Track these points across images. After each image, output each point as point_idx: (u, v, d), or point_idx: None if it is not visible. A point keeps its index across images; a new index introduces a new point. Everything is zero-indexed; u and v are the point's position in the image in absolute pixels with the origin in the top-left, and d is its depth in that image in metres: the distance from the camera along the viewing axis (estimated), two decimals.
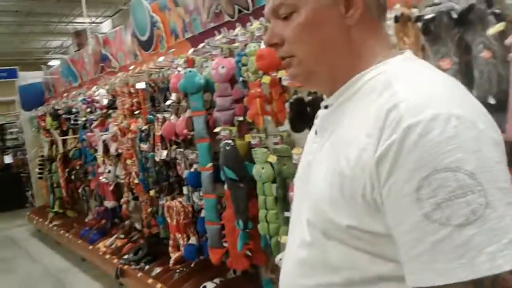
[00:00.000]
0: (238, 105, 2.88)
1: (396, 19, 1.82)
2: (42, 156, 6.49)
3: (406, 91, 0.71)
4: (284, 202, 2.54)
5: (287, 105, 2.46)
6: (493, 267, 0.61)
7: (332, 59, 0.82)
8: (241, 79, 2.75)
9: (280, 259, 2.55)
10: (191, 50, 3.28)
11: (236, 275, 3.29)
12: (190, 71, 3.10)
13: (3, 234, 7.24)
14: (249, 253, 2.95)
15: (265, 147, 2.71)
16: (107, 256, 4.24)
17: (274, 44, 0.84)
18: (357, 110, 0.78)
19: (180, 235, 3.52)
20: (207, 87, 3.09)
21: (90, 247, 4.64)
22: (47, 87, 6.88)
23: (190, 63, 3.24)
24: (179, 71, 3.26)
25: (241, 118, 2.89)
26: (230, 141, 2.83)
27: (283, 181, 2.56)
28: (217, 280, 3.25)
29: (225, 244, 3.08)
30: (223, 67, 2.87)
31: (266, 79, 2.51)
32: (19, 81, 7.30)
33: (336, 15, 0.80)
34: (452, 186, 0.63)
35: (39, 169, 6.64)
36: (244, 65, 2.67)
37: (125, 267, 3.90)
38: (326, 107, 0.88)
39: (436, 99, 0.69)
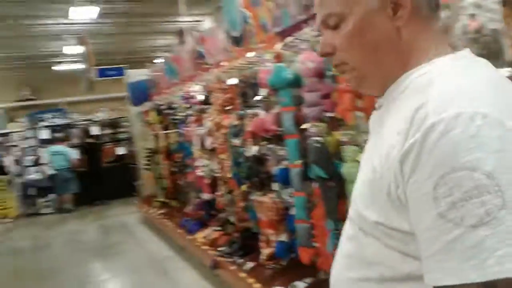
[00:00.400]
0: (328, 100, 2.77)
1: (504, 3, 1.59)
2: (149, 148, 6.92)
3: (437, 90, 0.71)
4: None
5: None
6: (502, 270, 0.60)
7: (383, 62, 0.82)
8: (330, 73, 2.64)
9: None
10: (280, 44, 3.22)
11: (328, 277, 3.19)
12: (278, 66, 3.05)
13: (116, 220, 7.92)
14: None
15: (355, 145, 2.57)
16: (204, 247, 4.39)
17: (327, 54, 0.86)
18: (399, 110, 0.77)
19: (271, 231, 3.51)
20: (297, 82, 3.01)
21: (189, 237, 4.85)
22: (152, 84, 7.30)
23: (278, 57, 3.18)
24: (267, 66, 3.23)
25: (330, 114, 2.77)
26: (319, 138, 2.73)
27: None
28: (308, 280, 3.18)
29: (315, 244, 3.00)
30: (311, 61, 2.77)
31: None
32: (128, 79, 7.86)
33: (384, 19, 0.79)
34: (469, 185, 0.63)
35: (146, 160, 7.11)
36: None
37: (220, 259, 4.00)
38: (379, 107, 0.88)
39: (464, 97, 0.68)
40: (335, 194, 2.72)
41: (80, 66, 11.34)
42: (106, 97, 11.86)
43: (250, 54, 3.51)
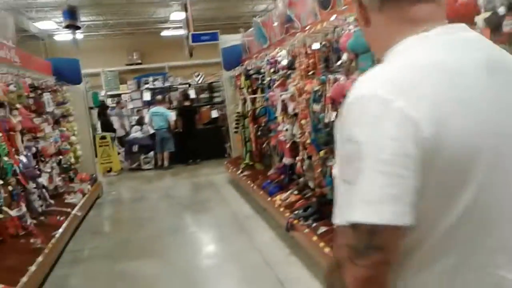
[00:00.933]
0: None
1: None
2: (238, 112, 7.15)
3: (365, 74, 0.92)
4: None
5: None
6: (350, 217, 0.82)
7: (373, 47, 1.07)
8: None
9: None
10: None
11: None
12: (360, 30, 2.96)
13: (206, 179, 8.39)
14: None
15: None
16: (281, 209, 4.51)
17: None
18: None
19: None
20: None
21: (269, 198, 5.00)
22: (244, 49, 7.45)
23: None
24: (350, 29, 3.15)
25: None
26: None
27: None
28: None
29: None
30: None
31: None
32: (222, 44, 8.08)
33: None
34: (347, 153, 0.85)
35: (235, 124, 7.37)
36: None
37: (295, 221, 4.09)
38: None
39: (369, 81, 0.89)
40: None
41: (183, 32, 11.90)
42: (203, 62, 12.32)
43: (332, 18, 3.42)
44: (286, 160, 4.85)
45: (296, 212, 4.24)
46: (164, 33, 15.19)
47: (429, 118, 0.81)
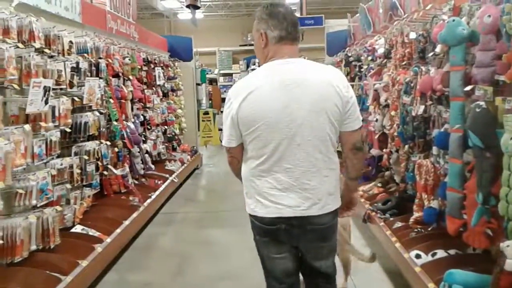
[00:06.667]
0: (502, 61, 2.45)
1: None
2: None
3: None
4: None
5: None
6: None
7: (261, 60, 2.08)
8: (504, 30, 2.32)
9: (508, 246, 2.17)
10: None
11: (475, 252, 2.96)
12: (453, 20, 2.79)
13: None
14: (490, 232, 2.60)
15: None
16: (362, 200, 4.46)
17: None
18: None
19: (426, 196, 3.37)
20: (471, 39, 2.72)
21: None
22: (349, 35, 7.31)
23: (456, 11, 2.89)
24: (443, 20, 2.97)
25: (502, 78, 2.45)
26: (482, 103, 2.47)
27: None
28: (451, 251, 3.01)
29: (464, 216, 2.79)
30: (489, 15, 2.46)
31: None
32: (328, 29, 8.01)
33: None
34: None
35: None
36: (509, 13, 2.23)
37: (373, 213, 4.03)
38: None
39: (233, 87, 2.03)
40: (491, 166, 2.46)
41: (296, 15, 11.96)
42: (310, 46, 12.26)
43: (428, 7, 3.26)
44: (374, 152, 4.74)
45: (375, 204, 4.17)
46: None
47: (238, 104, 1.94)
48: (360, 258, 3.18)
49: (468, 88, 2.62)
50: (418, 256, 3.06)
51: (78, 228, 3.73)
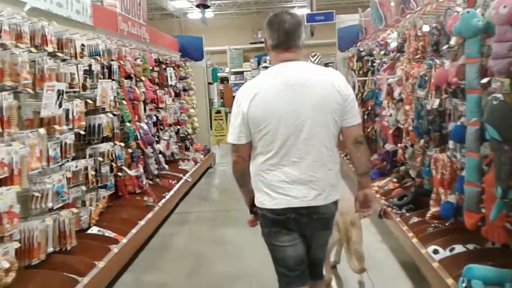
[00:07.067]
0: None
1: None
2: None
3: None
4: None
5: None
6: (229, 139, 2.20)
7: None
8: None
9: None
10: None
11: (494, 246, 2.91)
12: (468, 12, 2.73)
13: None
14: (509, 226, 2.55)
15: None
16: (377, 195, 4.41)
17: None
18: None
19: (443, 190, 3.32)
20: (487, 30, 2.66)
21: None
22: (361, 29, 7.24)
23: (470, 2, 2.83)
24: (458, 12, 2.92)
25: None
26: (499, 95, 2.42)
27: None
28: (470, 246, 2.97)
29: (482, 210, 2.74)
30: (504, 6, 2.40)
31: None
32: (339, 24, 7.95)
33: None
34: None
35: None
36: None
37: (388, 209, 3.99)
38: None
39: (243, 87, 2.18)
40: (509, 159, 2.41)
41: (306, 11, 11.92)
42: (323, 42, 12.21)
43: None
44: (389, 147, 4.69)
45: (390, 199, 4.12)
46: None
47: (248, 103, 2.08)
48: (352, 264, 3.17)
49: (485, 80, 2.57)
50: (435, 252, 3.02)
51: (94, 230, 3.76)
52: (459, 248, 2.96)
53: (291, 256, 2.18)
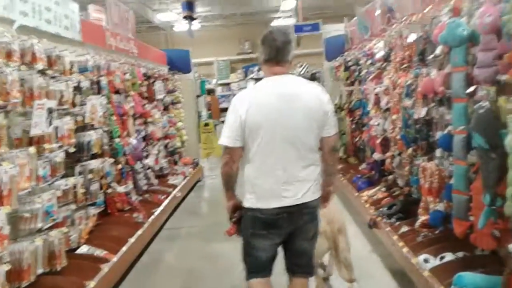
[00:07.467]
0: (503, 61, 2.44)
1: None
2: (336, 104, 7.08)
3: None
4: None
5: None
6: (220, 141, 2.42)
7: None
8: (505, 30, 2.31)
9: None
10: None
11: (483, 253, 2.93)
12: (453, 21, 2.79)
13: None
14: (497, 233, 2.58)
15: None
16: (367, 205, 4.44)
17: None
18: None
19: (431, 199, 3.35)
20: (472, 39, 2.71)
21: (356, 193, 4.93)
22: (347, 39, 7.32)
23: (456, 12, 2.89)
24: (443, 21, 2.97)
25: (504, 77, 2.44)
26: (485, 104, 2.46)
27: None
28: (460, 254, 2.99)
29: (471, 218, 2.77)
30: (489, 15, 2.46)
31: None
32: (326, 34, 8.02)
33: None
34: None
35: None
36: (509, 13, 2.23)
37: (378, 218, 4.01)
38: None
39: (238, 95, 2.47)
40: (496, 167, 2.45)
41: (292, 21, 12.03)
42: (310, 52, 12.30)
43: (427, 9, 3.26)
44: (377, 156, 4.73)
45: (380, 209, 4.14)
46: (275, 22, 15.46)
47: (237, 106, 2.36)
48: (342, 273, 3.23)
49: (471, 89, 2.61)
50: (426, 260, 3.04)
51: (84, 249, 3.71)
52: (449, 256, 2.98)
53: (263, 257, 2.48)
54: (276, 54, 2.38)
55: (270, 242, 2.45)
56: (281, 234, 2.44)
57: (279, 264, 2.60)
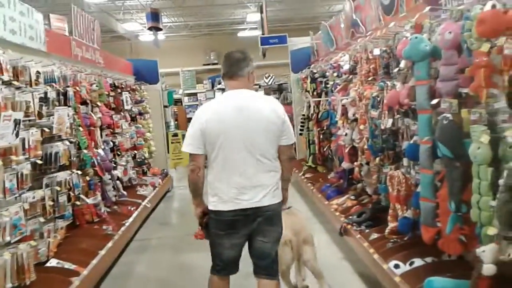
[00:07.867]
0: (464, 75, 2.58)
1: None
2: (303, 114, 7.21)
3: None
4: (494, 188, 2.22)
5: None
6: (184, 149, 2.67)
7: None
8: (465, 46, 2.46)
9: (483, 251, 2.26)
10: (423, 13, 3.07)
11: (450, 258, 3.06)
12: (416, 37, 2.93)
13: None
14: (463, 238, 2.71)
15: (485, 125, 2.37)
16: (337, 214, 4.54)
17: None
18: None
19: (399, 206, 3.47)
20: (434, 54, 2.86)
21: (326, 202, 5.03)
22: (312, 52, 7.50)
23: (418, 28, 3.04)
24: (406, 37, 3.11)
25: (466, 90, 2.59)
26: (448, 115, 2.59)
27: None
28: (428, 259, 3.10)
29: (438, 224, 2.89)
30: (450, 32, 2.60)
31: (485, 47, 2.18)
32: (292, 46, 8.17)
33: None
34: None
35: (300, 126, 7.42)
36: (469, 30, 2.37)
37: (348, 226, 4.11)
38: None
39: (201, 107, 2.74)
40: (460, 175, 2.58)
41: (258, 33, 12.14)
42: (276, 63, 12.44)
43: (391, 24, 3.40)
44: (345, 165, 4.85)
45: (350, 217, 4.25)
46: (241, 34, 15.57)
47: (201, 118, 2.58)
48: (298, 279, 3.45)
49: (434, 101, 2.74)
50: (396, 266, 3.14)
51: (53, 262, 3.62)
52: (418, 262, 3.09)
53: (224, 254, 2.68)
54: (229, 69, 2.67)
55: (229, 242, 2.64)
56: (239, 234, 2.64)
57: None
